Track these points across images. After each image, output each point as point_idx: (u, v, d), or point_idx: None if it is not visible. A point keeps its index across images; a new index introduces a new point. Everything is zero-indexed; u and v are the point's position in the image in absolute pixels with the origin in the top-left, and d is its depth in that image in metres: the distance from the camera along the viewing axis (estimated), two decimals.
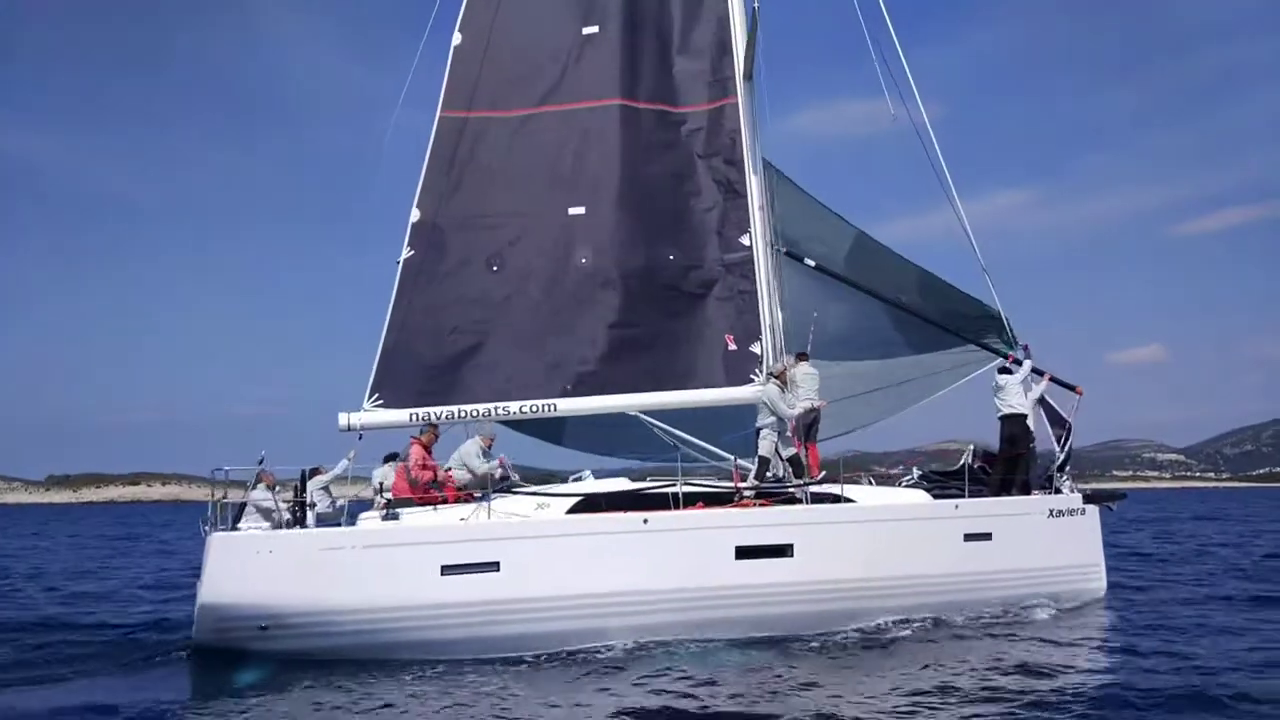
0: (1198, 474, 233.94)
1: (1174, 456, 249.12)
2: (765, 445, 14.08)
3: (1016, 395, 15.18)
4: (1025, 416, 15.16)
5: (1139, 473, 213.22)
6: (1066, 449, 15.64)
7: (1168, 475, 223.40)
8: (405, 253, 15.05)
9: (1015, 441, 15.16)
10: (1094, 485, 16.43)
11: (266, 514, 13.31)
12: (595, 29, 15.84)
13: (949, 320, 16.54)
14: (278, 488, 13.63)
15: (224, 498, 12.60)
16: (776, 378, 14.40)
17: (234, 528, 12.90)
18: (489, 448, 13.96)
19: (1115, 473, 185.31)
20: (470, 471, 13.72)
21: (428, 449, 13.84)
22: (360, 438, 14.27)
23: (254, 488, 13.60)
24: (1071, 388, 15.97)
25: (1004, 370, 15.59)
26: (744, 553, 12.92)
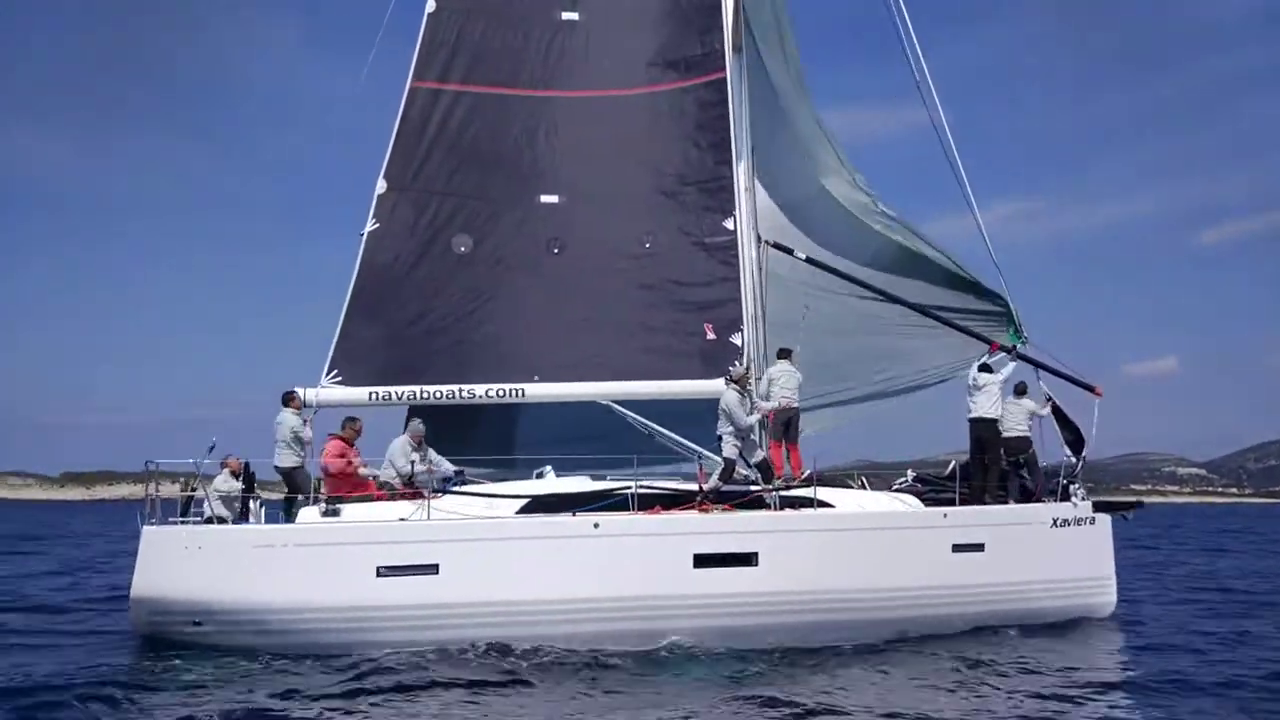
0: (1219, 489, 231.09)
1: (1195, 470, 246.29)
2: (729, 449, 13.27)
3: (990, 398, 14.38)
4: (996, 421, 14.35)
5: (1158, 486, 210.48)
6: (1082, 455, 14.72)
7: (1188, 489, 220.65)
8: (370, 225, 14.37)
9: (985, 447, 14.36)
10: (1111, 498, 15.47)
11: (229, 503, 12.74)
12: (575, 15, 15.19)
13: (954, 311, 15.66)
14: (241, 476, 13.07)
15: (158, 490, 12.19)
16: (736, 382, 13.48)
17: (185, 518, 12.47)
18: (418, 445, 13.19)
19: (1134, 486, 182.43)
20: (394, 469, 13.01)
21: (349, 444, 13.11)
22: (315, 413, 13.56)
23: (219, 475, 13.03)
24: (1090, 388, 15.04)
25: (984, 368, 14.73)
26: (703, 561, 12.16)
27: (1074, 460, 14.75)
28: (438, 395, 13.89)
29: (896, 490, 14.43)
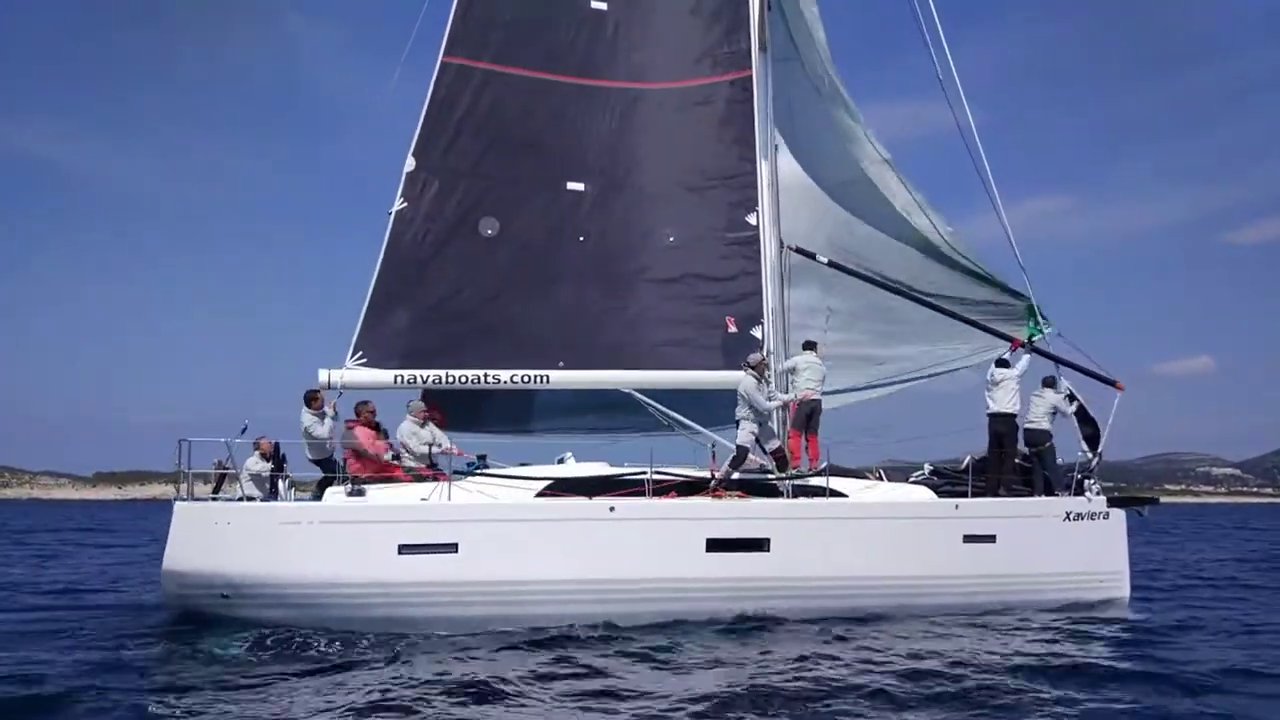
0: (1254, 489, 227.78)
1: (1230, 471, 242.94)
2: (744, 435, 13.58)
3: (1008, 393, 14.53)
4: (1014, 415, 14.52)
5: (1192, 487, 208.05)
6: (1098, 450, 14.82)
7: (1223, 490, 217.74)
8: (398, 204, 14.39)
9: (1003, 441, 14.54)
10: (1128, 494, 15.51)
11: (261, 482, 13.13)
12: (604, 6, 15.25)
13: (976, 304, 15.75)
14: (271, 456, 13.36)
15: (189, 468, 12.56)
16: (753, 369, 13.81)
17: (216, 495, 12.90)
18: (423, 423, 13.50)
19: (1167, 486, 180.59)
20: (409, 451, 13.33)
21: (374, 427, 13.48)
22: (340, 394, 13.78)
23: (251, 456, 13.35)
24: (1111, 382, 15.08)
25: (1001, 363, 14.85)
26: (716, 545, 12.51)
27: (1090, 455, 14.87)
28: (463, 380, 14.02)
29: (913, 482, 14.68)
